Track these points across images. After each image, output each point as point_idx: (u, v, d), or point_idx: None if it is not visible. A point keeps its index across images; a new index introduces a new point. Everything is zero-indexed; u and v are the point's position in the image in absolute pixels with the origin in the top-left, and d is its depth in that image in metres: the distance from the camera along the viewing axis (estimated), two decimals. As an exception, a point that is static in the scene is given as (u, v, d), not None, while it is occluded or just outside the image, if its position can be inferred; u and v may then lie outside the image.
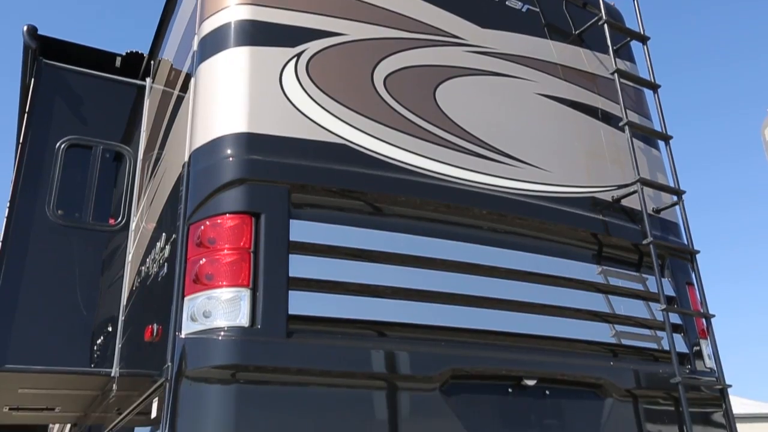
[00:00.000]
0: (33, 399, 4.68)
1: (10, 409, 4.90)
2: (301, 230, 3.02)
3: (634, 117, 4.27)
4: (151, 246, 3.69)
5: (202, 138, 3.19)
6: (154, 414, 2.89)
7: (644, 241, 3.80)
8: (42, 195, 4.49)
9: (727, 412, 3.70)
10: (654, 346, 3.77)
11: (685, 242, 4.10)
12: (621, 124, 4.10)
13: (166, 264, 3.22)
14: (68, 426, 6.32)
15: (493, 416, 3.13)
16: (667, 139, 4.27)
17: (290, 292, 2.89)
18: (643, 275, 3.92)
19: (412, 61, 3.67)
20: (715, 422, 3.69)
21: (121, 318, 4.18)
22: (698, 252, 4.04)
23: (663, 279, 3.84)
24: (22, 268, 4.23)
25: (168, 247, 3.24)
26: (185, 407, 2.66)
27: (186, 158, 3.22)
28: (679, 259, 4.06)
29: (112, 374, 4.06)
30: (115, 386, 4.06)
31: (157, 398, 2.89)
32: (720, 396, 3.73)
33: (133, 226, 4.56)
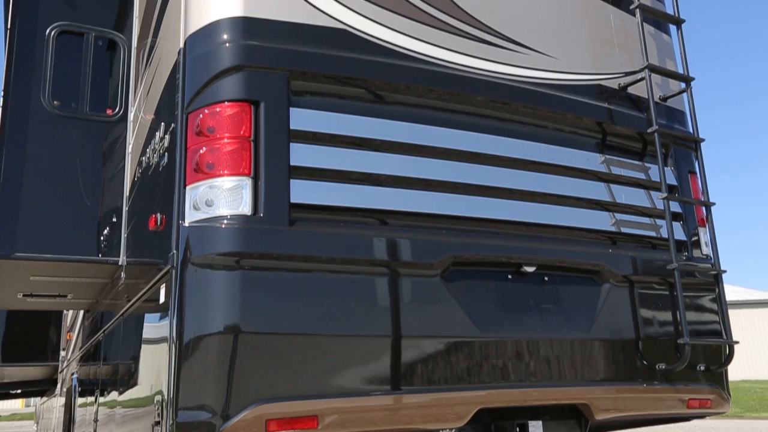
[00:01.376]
0: (45, 286, 4.81)
1: (24, 295, 5.05)
2: (301, 118, 2.98)
3: (645, -1, 4.09)
4: (150, 136, 3.66)
5: (196, 23, 3.08)
6: (162, 300, 2.98)
7: (649, 130, 3.75)
8: (36, 85, 4.39)
9: (720, 297, 3.80)
10: (653, 234, 3.82)
11: (691, 131, 4.05)
12: (632, 7, 3.94)
13: (166, 154, 3.21)
14: (81, 312, 6.55)
15: (492, 302, 3.22)
16: (679, 23, 4.12)
17: (292, 180, 2.89)
18: (646, 164, 3.90)
19: (415, -61, 3.47)
20: (708, 307, 3.80)
21: (124, 208, 4.22)
22: (703, 140, 4.00)
23: (666, 168, 3.83)
24: (22, 158, 4.22)
25: (167, 137, 3.21)
26: (192, 293, 2.73)
27: (181, 45, 3.13)
28: (683, 147, 4.03)
29: (120, 263, 4.15)
30: (123, 274, 4.16)
31: (164, 285, 2.97)
32: (714, 282, 3.82)
33: (131, 116, 4.50)
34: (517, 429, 3.30)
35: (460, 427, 3.08)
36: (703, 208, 3.94)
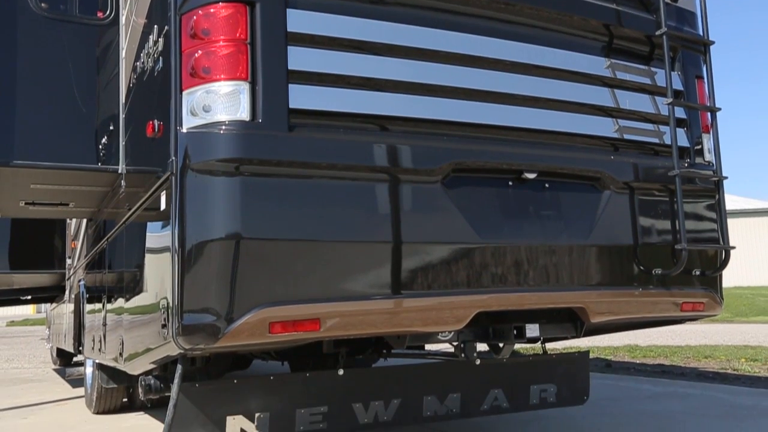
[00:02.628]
0: (46, 194, 4.81)
1: (26, 204, 5.06)
2: (299, 20, 2.89)
3: None
4: (144, 40, 3.55)
5: None
6: (163, 207, 2.98)
7: (657, 32, 3.64)
8: None
9: (719, 203, 3.81)
10: (656, 140, 3.78)
11: (701, 33, 3.93)
12: None
13: (160, 58, 3.12)
14: (84, 221, 6.59)
15: (493, 208, 3.23)
16: None
17: (290, 85, 2.84)
18: (652, 68, 3.81)
19: None
20: (707, 213, 3.81)
21: (121, 116, 4.15)
22: (713, 43, 3.88)
23: (673, 72, 3.74)
24: (13, 62, 4.10)
25: (161, 41, 3.11)
26: (192, 199, 2.73)
27: (170, -60, 2.97)
28: (691, 51, 3.92)
29: (119, 171, 4.13)
30: (123, 182, 4.15)
31: (164, 192, 2.96)
32: (715, 188, 3.81)
33: (123, 19, 4.35)
34: (515, 332, 3.39)
35: (459, 330, 3.16)
36: (708, 114, 3.88)
